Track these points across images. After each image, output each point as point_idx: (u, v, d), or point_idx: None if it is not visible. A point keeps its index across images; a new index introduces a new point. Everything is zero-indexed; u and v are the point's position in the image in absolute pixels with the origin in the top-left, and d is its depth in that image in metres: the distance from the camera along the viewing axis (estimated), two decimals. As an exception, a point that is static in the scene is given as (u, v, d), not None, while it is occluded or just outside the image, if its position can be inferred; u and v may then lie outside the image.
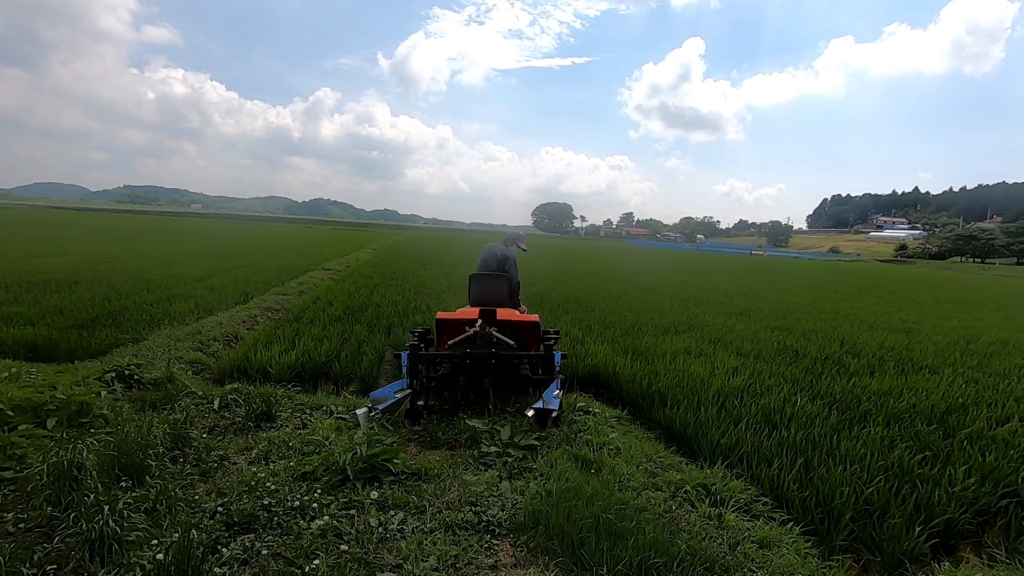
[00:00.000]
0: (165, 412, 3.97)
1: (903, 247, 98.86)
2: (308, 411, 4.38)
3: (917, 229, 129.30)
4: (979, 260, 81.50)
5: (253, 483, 2.95)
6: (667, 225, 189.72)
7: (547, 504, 2.76)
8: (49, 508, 2.42)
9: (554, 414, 3.85)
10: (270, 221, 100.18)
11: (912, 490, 3.29)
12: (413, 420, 4.25)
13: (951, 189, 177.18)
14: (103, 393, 4.11)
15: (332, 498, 2.87)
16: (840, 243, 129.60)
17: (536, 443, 3.73)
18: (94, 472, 2.57)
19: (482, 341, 4.51)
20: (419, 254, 25.49)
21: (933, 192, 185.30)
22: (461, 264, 18.10)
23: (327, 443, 3.57)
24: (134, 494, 2.63)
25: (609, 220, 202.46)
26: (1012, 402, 5.19)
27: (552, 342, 4.76)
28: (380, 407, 3.86)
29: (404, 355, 4.29)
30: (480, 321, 4.60)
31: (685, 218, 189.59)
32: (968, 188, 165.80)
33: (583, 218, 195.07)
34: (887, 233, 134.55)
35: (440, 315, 4.97)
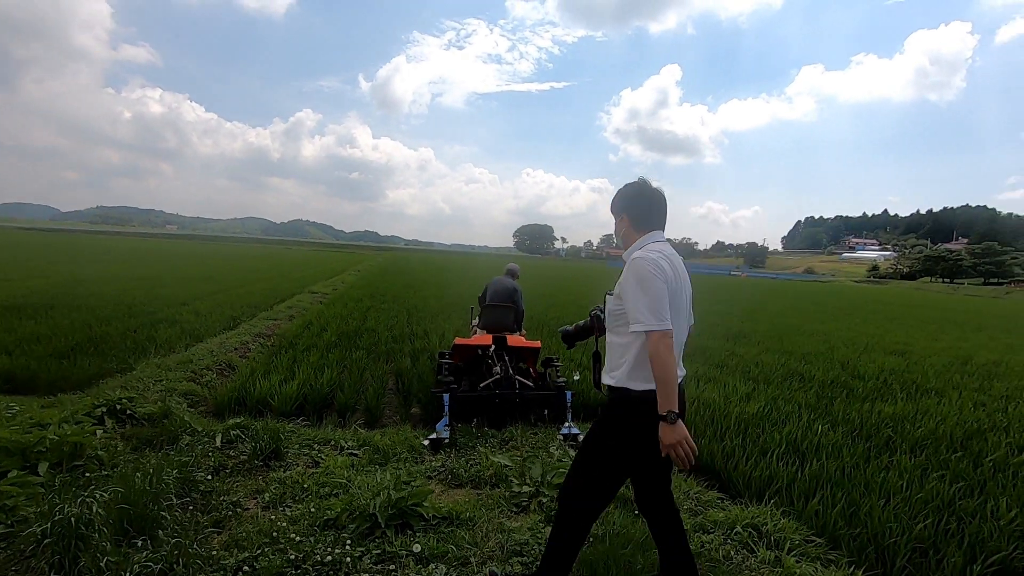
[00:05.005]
0: (165, 452, 3.68)
1: (875, 268, 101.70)
2: (316, 447, 4.11)
3: (887, 250, 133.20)
4: (947, 280, 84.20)
5: (274, 533, 2.69)
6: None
7: (599, 552, 2.57)
8: (53, 573, 2.15)
9: (580, 437, 4.34)
10: (248, 242, 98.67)
11: (958, 524, 3.18)
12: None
13: (918, 211, 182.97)
14: (98, 432, 3.80)
15: (364, 549, 2.63)
16: (815, 264, 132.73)
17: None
18: (104, 529, 2.30)
19: (506, 383, 5.00)
20: (405, 276, 25.18)
21: (901, 214, 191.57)
22: (448, 286, 17.88)
23: (347, 483, 3.33)
24: (148, 553, 2.36)
25: (590, 241, 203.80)
26: (1026, 426, 5.17)
27: (557, 368, 5.57)
28: (443, 439, 4.24)
29: (445, 397, 4.61)
30: (494, 348, 5.29)
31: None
32: (934, 211, 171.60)
33: (564, 239, 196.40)
34: (859, 254, 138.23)
35: (458, 341, 5.63)
